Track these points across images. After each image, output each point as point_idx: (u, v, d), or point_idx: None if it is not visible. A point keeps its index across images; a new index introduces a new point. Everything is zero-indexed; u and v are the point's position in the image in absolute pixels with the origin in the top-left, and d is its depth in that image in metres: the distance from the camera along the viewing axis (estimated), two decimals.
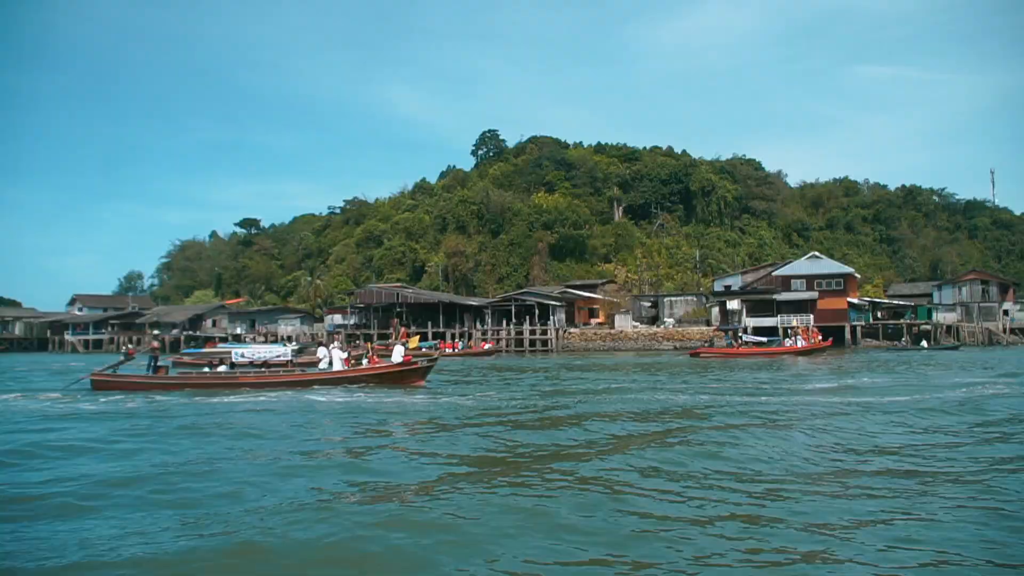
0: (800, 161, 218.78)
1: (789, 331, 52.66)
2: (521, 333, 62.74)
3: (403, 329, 44.86)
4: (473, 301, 69.91)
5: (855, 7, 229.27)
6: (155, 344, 25.66)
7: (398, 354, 23.64)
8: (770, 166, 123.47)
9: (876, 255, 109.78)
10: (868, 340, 63.29)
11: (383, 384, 22.40)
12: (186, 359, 38.23)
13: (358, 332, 69.32)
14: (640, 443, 11.04)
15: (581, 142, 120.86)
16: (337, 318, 75.18)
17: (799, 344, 46.51)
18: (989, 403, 16.31)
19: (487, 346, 59.45)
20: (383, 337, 65.64)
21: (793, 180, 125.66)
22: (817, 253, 70.83)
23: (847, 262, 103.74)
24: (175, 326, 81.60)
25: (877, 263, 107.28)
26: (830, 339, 55.10)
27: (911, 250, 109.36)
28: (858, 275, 69.40)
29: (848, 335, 61.47)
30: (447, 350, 54.50)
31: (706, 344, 53.38)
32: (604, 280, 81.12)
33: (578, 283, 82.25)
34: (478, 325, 65.30)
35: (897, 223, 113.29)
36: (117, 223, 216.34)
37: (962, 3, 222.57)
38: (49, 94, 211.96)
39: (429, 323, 66.62)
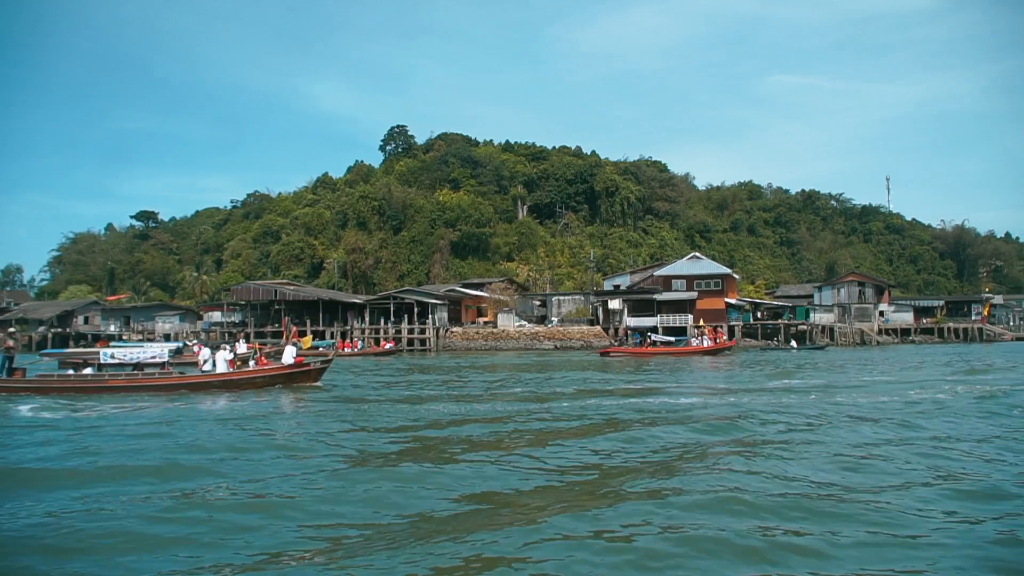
0: (711, 165, 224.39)
1: (696, 331, 53.68)
2: (399, 332, 61.11)
3: (294, 328, 42.79)
4: (356, 299, 67.89)
5: (772, 17, 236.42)
6: (10, 343, 23.01)
7: (289, 355, 22.20)
8: (680, 168, 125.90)
9: (776, 257, 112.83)
10: (748, 340, 64.28)
11: (272, 387, 20.79)
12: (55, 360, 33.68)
13: (235, 330, 66.44)
14: None
15: (492, 140, 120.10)
16: (216, 316, 71.93)
17: (705, 344, 47.29)
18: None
19: (388, 345, 57.88)
20: (260, 336, 63.19)
21: (701, 183, 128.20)
22: (698, 254, 71.59)
23: (748, 263, 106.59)
24: (43, 323, 76.63)
25: (777, 265, 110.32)
26: (733, 340, 56.64)
27: (808, 252, 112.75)
28: (737, 276, 70.43)
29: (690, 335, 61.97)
30: (346, 349, 53.22)
31: (616, 343, 54.17)
32: (497, 279, 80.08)
33: (476, 281, 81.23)
34: (356, 324, 63.36)
35: (796, 226, 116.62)
36: (18, 214, 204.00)
37: (871, 17, 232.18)
38: None
39: (308, 321, 64.32)
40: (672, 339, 51.09)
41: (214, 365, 21.53)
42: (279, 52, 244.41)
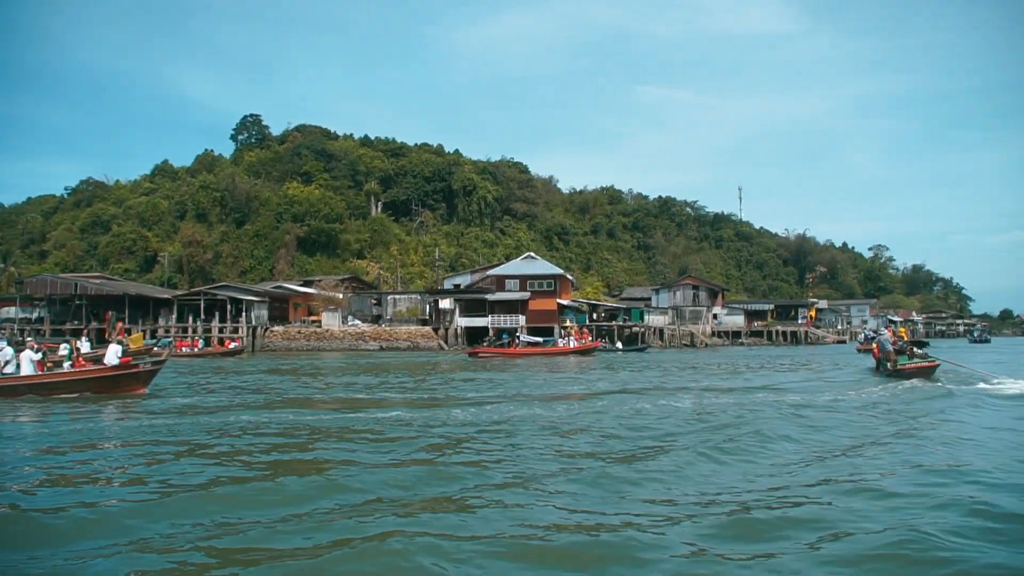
0: (576, 170, 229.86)
1: (563, 331, 53.74)
2: (209, 331, 57.07)
3: (119, 324, 38.02)
4: (165, 294, 63.18)
5: (641, 31, 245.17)
6: None
7: (113, 355, 18.64)
8: (545, 171, 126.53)
9: (633, 260, 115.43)
10: None
11: (91, 393, 17.57)
12: None
13: (28, 327, 60.17)
14: None
15: (352, 134, 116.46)
16: (11, 311, 65.06)
17: (572, 344, 47.67)
18: None
19: (232, 345, 53.89)
20: (57, 333, 57.55)
21: (565, 186, 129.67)
22: (532, 254, 71.46)
23: (605, 266, 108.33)
24: None
25: (633, 268, 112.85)
26: (599, 340, 57.13)
27: (663, 257, 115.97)
28: (571, 277, 70.69)
29: (557, 336, 62.00)
30: (184, 349, 49.60)
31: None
32: (329, 276, 77.00)
33: (317, 278, 77.79)
34: (162, 322, 58.82)
35: (653, 231, 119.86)
36: None
37: (730, 37, 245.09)
38: None
39: (113, 317, 59.06)
40: (540, 339, 51.42)
41: (18, 367, 18.06)
42: (139, 34, 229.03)
